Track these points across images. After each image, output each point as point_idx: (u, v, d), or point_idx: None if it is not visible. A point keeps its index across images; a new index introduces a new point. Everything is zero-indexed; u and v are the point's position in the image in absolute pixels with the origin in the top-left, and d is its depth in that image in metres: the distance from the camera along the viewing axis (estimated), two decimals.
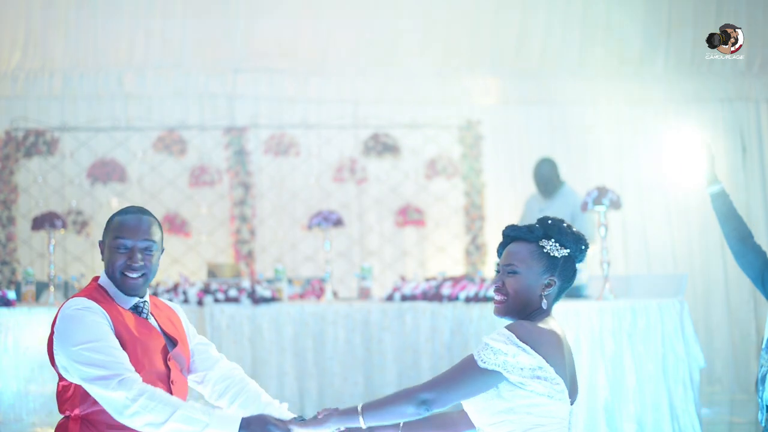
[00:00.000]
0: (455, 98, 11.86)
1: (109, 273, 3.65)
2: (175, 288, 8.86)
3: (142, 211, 3.72)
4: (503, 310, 3.60)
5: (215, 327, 8.55)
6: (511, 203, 9.67)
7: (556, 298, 3.62)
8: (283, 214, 11.52)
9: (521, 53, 11.99)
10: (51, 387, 8.31)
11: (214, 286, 8.93)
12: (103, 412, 3.46)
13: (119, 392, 3.36)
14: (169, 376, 3.63)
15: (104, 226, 3.74)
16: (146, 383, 3.42)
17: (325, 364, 8.63)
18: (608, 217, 7.55)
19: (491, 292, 7.75)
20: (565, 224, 3.63)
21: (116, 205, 11.32)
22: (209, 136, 11.43)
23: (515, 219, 10.17)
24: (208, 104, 11.70)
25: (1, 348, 8.10)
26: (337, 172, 11.28)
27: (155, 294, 8.57)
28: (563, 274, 3.60)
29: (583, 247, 3.63)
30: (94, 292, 3.64)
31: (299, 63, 11.84)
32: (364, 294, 9.23)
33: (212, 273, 9.97)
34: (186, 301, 8.74)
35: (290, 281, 9.53)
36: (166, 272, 10.83)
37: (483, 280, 8.35)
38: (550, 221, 3.62)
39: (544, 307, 3.56)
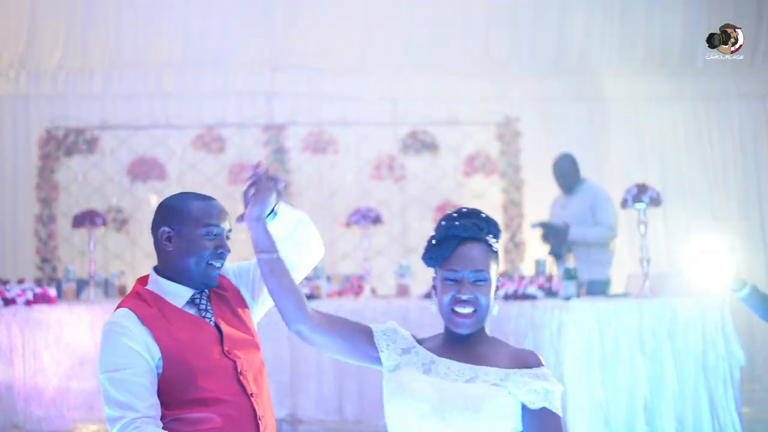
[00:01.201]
0: (494, 95, 11.81)
1: (186, 266, 3.46)
2: None
3: (211, 197, 3.59)
4: (475, 324, 3.12)
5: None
6: (550, 200, 9.59)
7: None
8: (322, 212, 11.51)
9: (560, 49, 11.94)
10: (92, 383, 8.38)
11: None
12: (182, 421, 3.34)
13: None
14: (236, 368, 3.43)
15: (164, 215, 3.51)
16: (144, 426, 3.23)
17: None
18: (649, 215, 7.49)
19: (532, 289, 7.73)
20: (484, 214, 3.17)
21: (156, 202, 11.38)
22: (248, 134, 11.46)
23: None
24: (247, 102, 11.74)
25: (42, 344, 8.18)
26: (376, 170, 11.27)
27: None
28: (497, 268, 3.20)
29: (499, 233, 3.20)
30: (137, 299, 3.44)
31: (337, 61, 11.85)
32: (403, 291, 9.22)
33: None
34: None
35: (329, 278, 9.52)
36: None
37: (522, 278, 8.31)
38: (483, 214, 3.18)
39: (495, 313, 3.15)
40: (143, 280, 3.56)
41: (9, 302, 8.08)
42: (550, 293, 7.70)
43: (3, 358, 7.91)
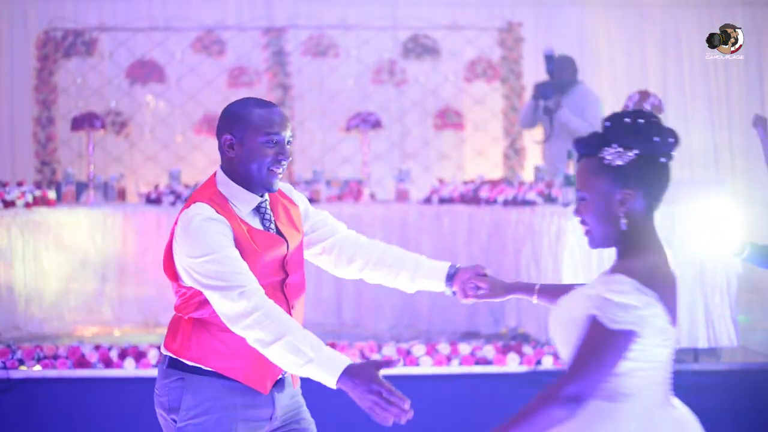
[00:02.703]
0: (496, 0, 11.69)
1: (247, 172, 3.49)
2: None
3: (273, 103, 3.63)
4: (593, 242, 3.07)
5: None
6: None
7: (649, 209, 2.97)
8: (322, 116, 11.48)
9: None
10: (92, 286, 8.44)
11: None
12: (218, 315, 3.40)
13: (240, 302, 3.29)
14: (283, 282, 3.55)
15: (226, 122, 3.53)
16: (267, 297, 3.34)
17: None
18: None
19: (531, 195, 7.71)
20: (628, 118, 2.87)
21: (154, 105, 11.33)
22: (248, 37, 11.36)
23: None
24: (247, 4, 11.62)
25: (42, 247, 8.21)
26: (376, 74, 11.21)
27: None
28: (643, 180, 2.91)
29: (658, 139, 2.91)
30: (216, 198, 3.49)
31: None
32: (402, 196, 9.23)
33: None
34: None
35: (328, 183, 9.53)
36: (204, 173, 10.87)
37: (521, 184, 8.30)
38: (608, 122, 2.90)
39: (624, 227, 2.92)
40: (210, 183, 3.58)
41: (9, 204, 8.08)
42: (550, 199, 7.70)
43: (3, 261, 7.95)
